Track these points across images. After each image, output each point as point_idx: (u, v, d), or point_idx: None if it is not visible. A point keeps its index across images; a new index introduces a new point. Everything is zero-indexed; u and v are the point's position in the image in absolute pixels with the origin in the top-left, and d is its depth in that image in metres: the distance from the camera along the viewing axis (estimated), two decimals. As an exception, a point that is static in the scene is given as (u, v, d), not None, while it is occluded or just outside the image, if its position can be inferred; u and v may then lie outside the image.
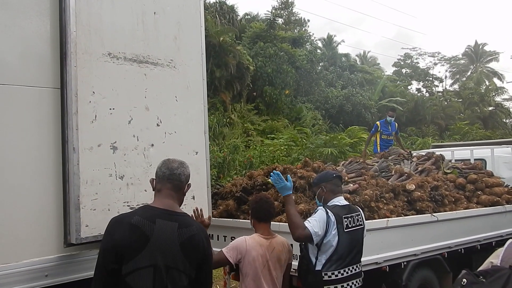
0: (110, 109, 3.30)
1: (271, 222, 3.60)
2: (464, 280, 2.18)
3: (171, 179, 2.53)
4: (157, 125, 3.56)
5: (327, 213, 3.31)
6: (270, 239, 3.41)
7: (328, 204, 3.46)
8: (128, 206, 3.28)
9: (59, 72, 3.16)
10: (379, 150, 9.44)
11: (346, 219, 3.36)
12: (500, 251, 2.22)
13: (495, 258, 2.24)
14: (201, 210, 3.65)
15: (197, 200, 3.73)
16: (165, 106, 3.63)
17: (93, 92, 3.22)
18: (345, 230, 3.33)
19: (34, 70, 3.08)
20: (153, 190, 2.56)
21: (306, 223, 3.25)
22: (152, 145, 3.51)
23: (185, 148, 3.74)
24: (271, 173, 3.51)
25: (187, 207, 3.66)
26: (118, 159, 3.28)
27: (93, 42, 3.26)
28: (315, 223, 3.25)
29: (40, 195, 3.04)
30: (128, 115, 3.40)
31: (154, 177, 2.59)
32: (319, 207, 3.46)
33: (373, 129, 10.11)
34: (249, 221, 3.61)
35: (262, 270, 3.28)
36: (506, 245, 2.25)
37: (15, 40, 3.03)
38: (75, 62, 3.12)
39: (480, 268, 2.26)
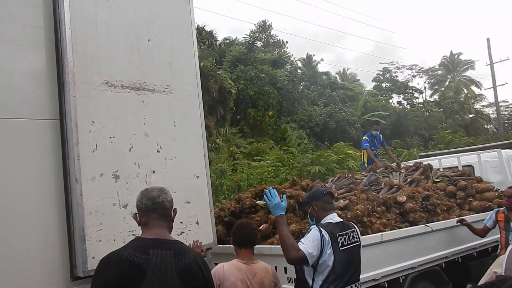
0: (111, 137, 3.28)
1: (263, 246, 3.53)
2: None
3: (156, 209, 2.41)
4: (157, 151, 3.55)
5: (320, 232, 3.20)
6: (251, 264, 3.33)
7: (321, 223, 3.37)
8: (133, 235, 3.21)
9: (57, 103, 3.13)
10: (366, 166, 9.34)
11: (341, 237, 3.26)
12: (502, 259, 2.18)
13: (498, 267, 2.19)
14: (200, 242, 3.59)
15: (201, 225, 3.71)
16: (164, 132, 3.63)
17: (93, 122, 3.20)
18: (341, 249, 3.22)
19: (32, 102, 3.06)
20: (138, 225, 2.46)
21: (300, 245, 3.14)
22: (154, 171, 3.49)
23: (186, 173, 3.73)
24: (266, 191, 3.43)
25: (192, 232, 3.64)
26: (121, 187, 3.24)
27: (90, 71, 3.26)
28: (309, 243, 3.13)
29: (44, 228, 2.97)
30: (129, 143, 3.38)
31: (136, 211, 2.48)
32: (312, 226, 3.36)
33: (366, 144, 9.83)
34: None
35: None
36: (507, 253, 2.21)
37: (12, 73, 3.01)
38: (73, 92, 3.11)
39: (483, 278, 2.21)
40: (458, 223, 5.40)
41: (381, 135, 9.95)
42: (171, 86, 3.74)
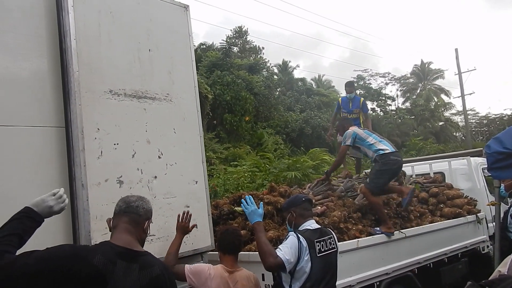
0: (115, 144, 3.37)
1: (241, 252, 3.53)
2: None
3: (128, 212, 2.36)
4: (159, 157, 3.65)
5: (298, 238, 3.25)
6: (234, 272, 3.32)
7: (299, 229, 3.43)
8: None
9: (62, 111, 3.20)
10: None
11: (318, 243, 3.30)
12: (508, 259, 2.21)
13: (503, 267, 2.22)
14: (190, 214, 3.59)
15: (199, 228, 3.81)
16: (164, 138, 3.73)
17: (98, 129, 3.29)
18: (318, 255, 3.26)
19: (39, 111, 3.12)
20: (109, 231, 2.42)
21: (278, 251, 3.19)
22: (155, 177, 3.59)
23: (186, 178, 3.84)
24: (243, 199, 3.50)
25: (191, 235, 3.75)
26: (125, 192, 3.30)
27: (95, 80, 3.34)
28: (286, 250, 3.18)
29: (50, 233, 3.01)
30: (132, 149, 3.48)
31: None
32: (290, 232, 3.42)
33: (336, 108, 9.18)
34: (217, 253, 3.56)
35: None
36: None
37: (18, 82, 3.06)
38: (79, 100, 3.19)
39: (490, 278, 2.27)
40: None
41: (361, 99, 8.96)
42: (171, 94, 3.85)
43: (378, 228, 5.20)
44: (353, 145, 5.73)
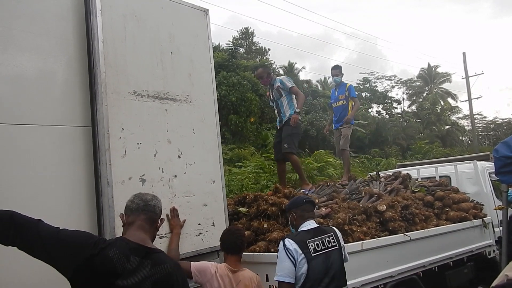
0: (138, 143, 3.49)
1: (245, 253, 3.55)
2: None
3: (146, 210, 2.45)
4: (179, 157, 3.77)
5: (284, 246, 3.27)
6: (238, 271, 3.39)
7: (298, 231, 3.48)
8: (157, 235, 3.43)
9: (89, 111, 3.33)
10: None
11: (312, 243, 3.30)
12: None
13: (510, 271, 2.23)
14: (176, 209, 3.65)
15: (216, 226, 3.93)
16: (184, 138, 3.85)
17: (122, 129, 3.41)
18: (313, 254, 3.26)
19: (67, 110, 3.24)
20: (123, 226, 2.49)
21: (277, 278, 3.22)
22: (175, 176, 3.71)
23: (204, 178, 3.96)
24: None
25: (208, 233, 3.88)
26: (147, 190, 3.37)
27: (120, 81, 3.47)
28: (281, 271, 3.22)
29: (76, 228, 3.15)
30: (153, 149, 3.60)
31: (124, 212, 2.53)
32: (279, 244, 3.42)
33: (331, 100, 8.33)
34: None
35: None
36: None
37: (48, 82, 3.19)
38: (105, 101, 3.31)
39: (495, 281, 2.28)
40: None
41: (348, 83, 8.11)
42: (191, 95, 3.98)
43: (303, 189, 6.13)
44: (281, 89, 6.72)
